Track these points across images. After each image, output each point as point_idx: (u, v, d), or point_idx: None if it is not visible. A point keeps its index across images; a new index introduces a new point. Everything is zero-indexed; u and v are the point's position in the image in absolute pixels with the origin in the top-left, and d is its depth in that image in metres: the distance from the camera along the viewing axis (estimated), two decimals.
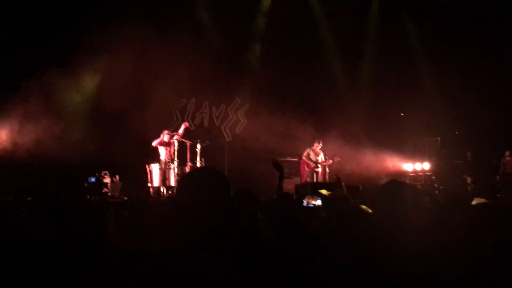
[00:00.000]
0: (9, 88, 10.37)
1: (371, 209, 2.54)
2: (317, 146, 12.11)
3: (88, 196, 9.37)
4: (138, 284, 1.64)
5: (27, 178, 9.67)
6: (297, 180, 12.05)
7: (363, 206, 4.36)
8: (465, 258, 2.12)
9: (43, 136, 10.89)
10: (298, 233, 2.71)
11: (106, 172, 10.65)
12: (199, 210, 1.75)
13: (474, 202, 4.36)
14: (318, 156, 12.10)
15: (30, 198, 6.98)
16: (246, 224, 2.52)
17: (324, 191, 4.52)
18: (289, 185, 11.24)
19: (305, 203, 5.04)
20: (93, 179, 10.47)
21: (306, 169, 12.10)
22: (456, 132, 13.64)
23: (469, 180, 11.53)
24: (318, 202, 4.72)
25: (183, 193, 1.84)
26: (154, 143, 10.73)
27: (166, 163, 10.59)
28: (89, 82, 11.91)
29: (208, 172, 1.89)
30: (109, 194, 10.30)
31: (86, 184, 10.41)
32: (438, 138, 14.10)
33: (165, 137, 10.81)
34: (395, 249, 2.06)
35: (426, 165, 13.68)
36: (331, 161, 12.11)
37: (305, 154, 12.17)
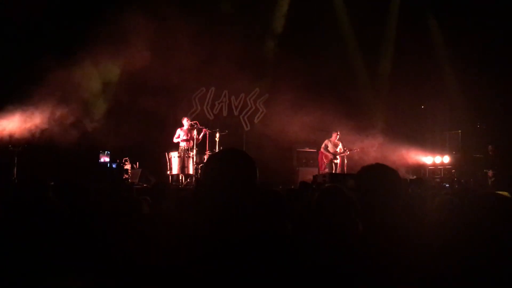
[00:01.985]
0: (30, 76, 10.51)
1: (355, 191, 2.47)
2: (336, 137, 12.08)
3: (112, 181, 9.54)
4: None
5: (48, 164, 9.84)
6: (315, 171, 12.06)
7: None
8: (478, 251, 2.11)
9: (64, 124, 11.05)
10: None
11: (127, 158, 10.80)
12: (223, 193, 1.72)
13: None
14: (336, 147, 12.07)
15: (53, 183, 7.13)
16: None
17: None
18: (308, 175, 11.28)
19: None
20: (114, 165, 10.65)
21: (325, 160, 12.10)
22: (478, 126, 13.45)
23: (490, 174, 11.37)
24: None
25: (208, 173, 1.79)
26: (175, 140, 10.89)
27: (185, 151, 10.70)
28: (109, 69, 12.01)
29: (235, 154, 1.83)
30: (129, 180, 10.45)
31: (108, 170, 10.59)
32: (459, 131, 13.93)
33: (184, 122, 10.93)
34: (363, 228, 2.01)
35: (446, 159, 13.54)
36: (348, 151, 12.07)
37: (323, 145, 12.16)
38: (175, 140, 10.93)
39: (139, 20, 11.10)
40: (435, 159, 13.67)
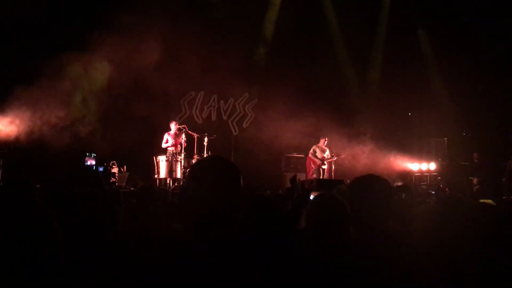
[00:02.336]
0: (18, 77, 10.42)
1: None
2: (323, 143, 12.14)
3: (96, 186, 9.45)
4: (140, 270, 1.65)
5: (34, 166, 9.75)
6: (303, 176, 12.09)
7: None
8: (465, 258, 2.14)
9: (51, 126, 10.95)
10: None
11: (114, 162, 10.75)
12: (208, 198, 1.73)
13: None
14: (324, 153, 12.13)
15: (38, 185, 7.06)
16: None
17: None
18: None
19: (312, 197, 5.07)
20: (101, 169, 10.58)
21: (312, 165, 12.14)
22: (464, 133, 13.62)
23: (475, 181, 11.51)
24: None
25: (192, 180, 1.81)
26: (163, 145, 10.86)
27: (173, 155, 10.67)
28: (98, 73, 11.95)
29: (220, 162, 1.85)
30: (116, 184, 10.39)
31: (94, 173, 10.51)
32: (445, 138, 14.09)
33: (172, 127, 10.92)
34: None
35: (432, 166, 13.67)
36: (336, 157, 12.14)
37: (311, 151, 12.21)
38: (163, 145, 10.90)
39: (129, 26, 11.07)
40: (421, 166, 13.81)
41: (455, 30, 12.68)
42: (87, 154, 11.09)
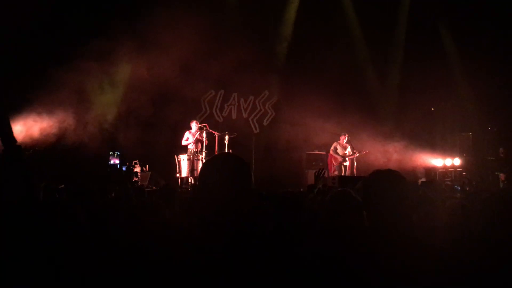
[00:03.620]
0: (41, 77, 10.59)
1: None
2: (344, 139, 12.04)
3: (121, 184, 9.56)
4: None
5: (58, 167, 9.91)
6: (325, 173, 11.99)
7: None
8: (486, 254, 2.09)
9: (74, 126, 11.13)
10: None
11: (137, 161, 10.86)
12: (219, 196, 1.76)
13: None
14: (345, 150, 12.03)
15: (62, 186, 7.18)
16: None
17: None
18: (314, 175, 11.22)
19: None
20: (124, 168, 10.70)
21: (334, 162, 12.06)
22: (489, 128, 13.33)
23: (502, 176, 11.25)
24: None
25: (204, 178, 1.84)
26: (183, 142, 10.92)
27: (194, 153, 10.72)
28: (120, 72, 12.08)
29: (230, 159, 1.89)
30: (138, 183, 10.50)
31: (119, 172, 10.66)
32: (470, 133, 13.82)
33: (193, 126, 10.98)
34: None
35: (456, 161, 13.42)
36: (358, 154, 12.02)
37: (332, 148, 12.13)
38: (183, 143, 10.96)
39: (148, 26, 11.17)
40: (445, 161, 13.57)
41: (477, 23, 12.41)
42: (111, 153, 11.23)
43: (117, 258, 1.91)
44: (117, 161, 11.26)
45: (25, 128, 10.74)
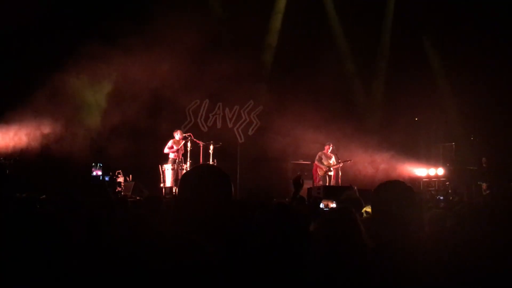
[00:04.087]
0: (22, 87, 10.46)
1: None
2: (328, 149, 12.08)
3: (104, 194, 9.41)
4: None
5: (40, 177, 9.75)
6: (309, 183, 12.01)
7: (369, 209, 4.32)
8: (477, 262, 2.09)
9: (56, 136, 10.98)
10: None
11: (120, 171, 10.72)
12: (199, 207, 1.76)
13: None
14: (330, 159, 12.05)
15: (44, 196, 7.05)
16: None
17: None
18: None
19: (322, 206, 5.03)
20: (106, 178, 10.56)
21: (319, 172, 12.07)
22: (472, 138, 13.49)
23: (484, 186, 11.38)
24: (334, 205, 4.71)
25: (184, 190, 1.85)
26: (165, 150, 10.81)
27: (178, 163, 10.63)
28: (103, 81, 11.98)
29: (209, 170, 1.91)
30: (122, 193, 10.35)
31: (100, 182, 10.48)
32: (453, 143, 13.96)
33: (176, 136, 10.88)
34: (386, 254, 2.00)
35: (440, 171, 13.54)
36: (342, 163, 12.06)
37: (317, 158, 12.14)
38: (166, 150, 10.81)
39: (133, 37, 11.10)
40: (429, 171, 13.68)
41: (461, 33, 12.61)
42: (93, 164, 11.08)
43: (100, 268, 1.86)
44: (100, 173, 11.10)
45: (5, 138, 10.57)
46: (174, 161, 10.69)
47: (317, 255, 2.27)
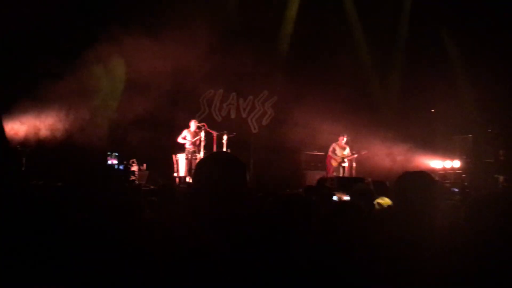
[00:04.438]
0: (39, 78, 10.55)
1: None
2: (342, 140, 12.01)
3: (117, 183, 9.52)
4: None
5: (57, 165, 9.87)
6: (323, 174, 11.98)
7: (382, 200, 4.27)
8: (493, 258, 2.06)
9: (73, 124, 11.09)
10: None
11: (134, 160, 10.80)
12: (213, 195, 1.75)
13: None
14: (344, 150, 11.99)
15: (60, 184, 7.13)
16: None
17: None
18: (316, 179, 11.19)
19: (335, 198, 4.99)
20: (121, 167, 10.65)
21: (333, 163, 12.02)
22: (489, 130, 13.28)
23: (501, 179, 11.21)
24: (348, 197, 4.66)
25: (198, 178, 1.83)
26: (179, 140, 10.85)
27: (192, 153, 10.67)
28: (118, 72, 12.05)
29: (224, 158, 1.88)
30: (136, 182, 10.43)
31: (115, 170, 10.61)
32: (470, 135, 13.77)
33: (192, 125, 10.92)
34: (408, 246, 1.98)
35: (456, 163, 13.37)
36: (356, 154, 11.98)
37: (331, 149, 12.10)
38: (180, 140, 10.85)
39: (148, 25, 11.13)
40: (445, 163, 13.52)
41: (479, 25, 12.37)
42: (109, 153, 11.18)
43: (114, 258, 1.88)
44: (115, 162, 11.19)
45: (24, 126, 10.71)
46: (188, 151, 10.74)
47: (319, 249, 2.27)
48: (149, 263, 1.65)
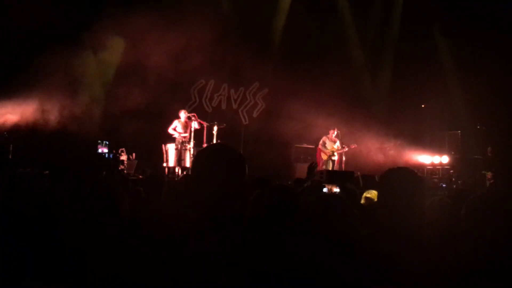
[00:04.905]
0: (30, 65, 10.42)
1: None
2: (333, 133, 12.02)
3: (105, 172, 9.46)
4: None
5: (47, 152, 9.80)
6: None
7: (369, 194, 4.29)
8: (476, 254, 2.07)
9: (63, 113, 11.00)
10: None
11: (123, 149, 10.72)
12: (212, 188, 1.70)
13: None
14: (334, 144, 12.01)
15: (47, 172, 7.07)
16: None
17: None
18: (303, 171, 11.20)
19: (325, 190, 5.02)
20: (110, 156, 10.58)
21: (322, 157, 12.03)
22: (478, 127, 13.38)
23: (489, 175, 11.32)
24: (337, 190, 4.68)
25: (197, 169, 1.78)
26: (169, 130, 10.77)
27: (182, 143, 10.61)
28: (108, 60, 11.95)
29: (224, 150, 1.82)
30: (125, 171, 10.38)
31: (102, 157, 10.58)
32: (459, 131, 13.87)
33: (182, 115, 10.85)
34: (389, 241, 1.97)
35: (444, 159, 13.47)
36: (346, 148, 12.01)
37: (321, 142, 12.11)
38: (170, 130, 10.79)
39: (141, 15, 11.02)
40: (433, 159, 13.61)
41: (469, 21, 12.41)
42: (99, 142, 11.12)
43: (107, 250, 1.84)
44: (105, 150, 11.13)
45: (14, 113, 10.60)
46: (178, 141, 10.67)
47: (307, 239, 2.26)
48: (125, 261, 1.60)
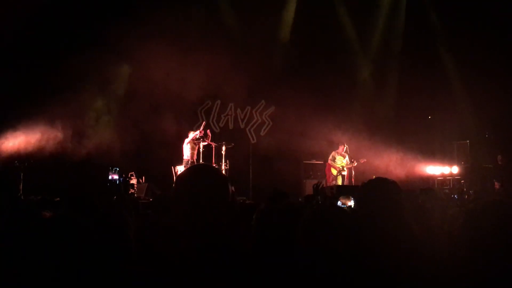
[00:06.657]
0: (37, 92, 10.58)
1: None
2: (342, 149, 12.01)
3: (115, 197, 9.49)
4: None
5: (56, 179, 9.86)
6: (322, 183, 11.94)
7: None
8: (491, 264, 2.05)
9: (72, 139, 11.10)
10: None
11: (133, 173, 10.80)
12: (194, 209, 1.70)
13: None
14: (344, 159, 12.00)
15: (58, 199, 7.11)
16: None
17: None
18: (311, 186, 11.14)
19: (339, 203, 5.01)
20: (120, 180, 10.64)
21: (332, 172, 12.02)
22: (486, 135, 13.29)
23: (497, 185, 11.19)
24: (352, 203, 4.68)
25: (178, 190, 1.78)
26: (190, 136, 10.86)
27: (191, 164, 10.66)
28: (116, 85, 12.08)
29: (206, 171, 1.81)
30: (135, 194, 10.42)
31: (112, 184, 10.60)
32: (467, 141, 13.77)
33: (189, 136, 10.93)
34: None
35: (454, 169, 13.34)
36: (356, 163, 11.98)
37: (330, 157, 12.10)
38: (190, 136, 10.86)
39: (144, 36, 11.17)
40: (443, 169, 13.49)
41: (475, 31, 12.43)
42: (110, 168, 11.15)
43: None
44: (116, 177, 11.16)
45: (23, 140, 10.72)
46: (187, 162, 10.73)
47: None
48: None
